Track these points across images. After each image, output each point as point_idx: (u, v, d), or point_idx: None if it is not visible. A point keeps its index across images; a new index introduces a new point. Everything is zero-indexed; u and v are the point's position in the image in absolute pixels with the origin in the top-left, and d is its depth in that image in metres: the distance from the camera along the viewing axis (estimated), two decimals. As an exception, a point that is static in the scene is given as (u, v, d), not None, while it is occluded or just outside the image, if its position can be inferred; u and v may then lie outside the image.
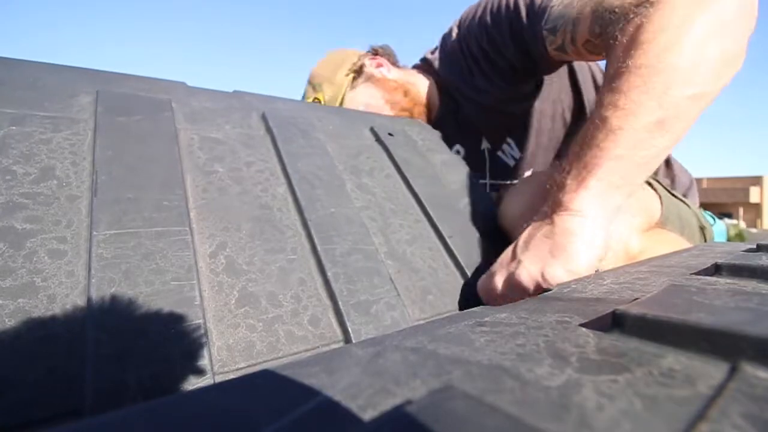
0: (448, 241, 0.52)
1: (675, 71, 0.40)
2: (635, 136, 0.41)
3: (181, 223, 0.37)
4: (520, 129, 0.81)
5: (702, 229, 0.68)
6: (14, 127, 0.38)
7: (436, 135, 0.77)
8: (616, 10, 0.47)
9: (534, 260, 0.41)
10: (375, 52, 0.89)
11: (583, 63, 0.79)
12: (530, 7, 0.63)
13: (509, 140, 0.83)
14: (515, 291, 0.42)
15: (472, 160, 0.84)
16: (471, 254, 0.52)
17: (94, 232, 0.33)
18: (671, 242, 0.56)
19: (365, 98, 0.84)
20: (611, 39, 0.47)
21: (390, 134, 0.66)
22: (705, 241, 0.65)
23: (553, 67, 0.71)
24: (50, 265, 0.31)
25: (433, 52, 0.88)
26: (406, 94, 0.84)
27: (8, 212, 0.32)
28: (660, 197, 0.58)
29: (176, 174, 0.41)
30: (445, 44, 0.83)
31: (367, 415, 0.11)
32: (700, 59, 0.40)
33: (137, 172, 0.39)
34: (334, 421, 0.11)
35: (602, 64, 0.80)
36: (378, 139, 0.64)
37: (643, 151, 0.41)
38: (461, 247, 0.52)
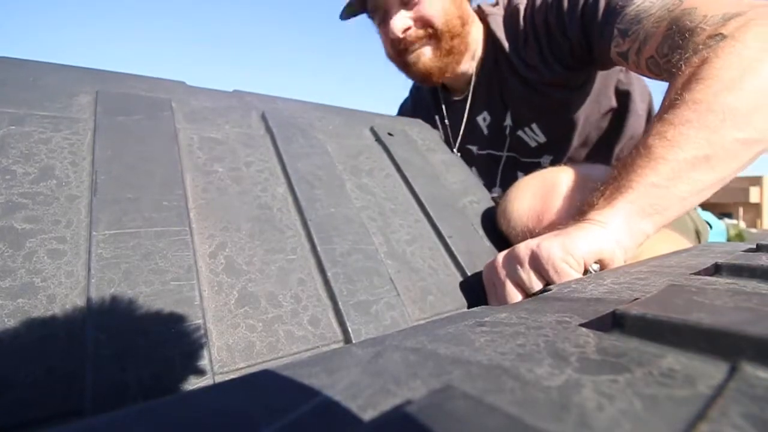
0: (448, 241, 0.52)
1: (730, 112, 0.39)
2: (676, 167, 0.40)
3: (180, 223, 0.37)
4: (550, 117, 0.76)
5: (697, 232, 0.68)
6: (14, 127, 0.38)
7: (435, 135, 0.77)
8: (687, 35, 0.46)
9: (537, 239, 0.41)
10: None
11: (632, 78, 0.76)
12: (609, 0, 0.60)
13: (534, 126, 0.78)
14: (511, 262, 0.42)
15: (494, 130, 0.81)
16: (471, 254, 0.52)
17: (94, 232, 0.33)
18: (668, 238, 0.56)
19: None
20: (674, 67, 0.46)
21: (390, 134, 0.66)
22: (699, 243, 0.65)
23: (607, 65, 0.67)
24: (50, 265, 0.31)
25: (494, 5, 0.80)
26: (463, 23, 0.76)
27: (8, 212, 0.32)
28: None
29: (176, 174, 0.41)
30: (510, 4, 0.76)
31: (367, 415, 0.11)
32: (758, 105, 0.39)
33: (137, 171, 0.39)
34: (333, 421, 0.11)
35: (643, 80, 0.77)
36: (378, 139, 0.64)
37: (683, 184, 0.40)
38: (461, 247, 0.52)
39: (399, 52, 0.76)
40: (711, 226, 0.80)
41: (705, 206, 0.86)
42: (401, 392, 0.13)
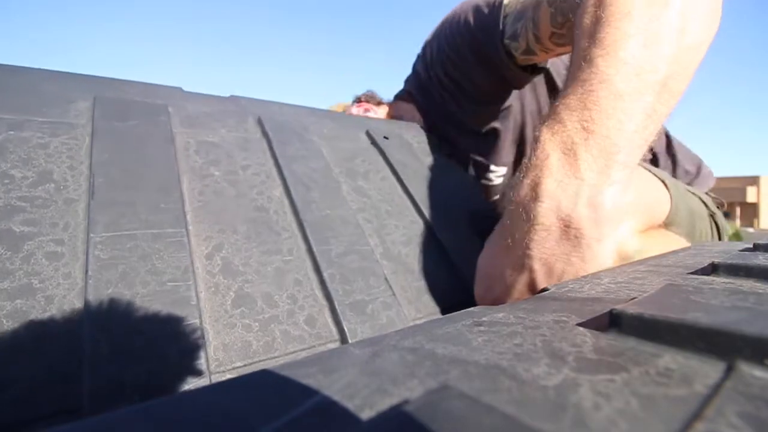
0: (443, 242, 0.52)
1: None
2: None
3: (177, 225, 0.37)
4: (499, 148, 0.78)
5: (712, 216, 0.64)
6: (12, 132, 0.38)
7: (432, 138, 0.77)
8: None
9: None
10: (359, 100, 0.93)
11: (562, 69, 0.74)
12: (479, 19, 0.61)
13: (492, 167, 0.80)
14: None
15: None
16: (466, 255, 0.52)
17: (91, 234, 0.33)
18: (672, 245, 0.48)
19: None
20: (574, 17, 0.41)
21: (385, 137, 0.65)
22: (717, 227, 0.63)
23: (523, 79, 0.66)
24: (47, 267, 0.31)
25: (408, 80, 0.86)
26: None
27: (6, 215, 0.32)
28: (671, 197, 0.54)
29: (173, 177, 0.41)
30: (418, 74, 0.80)
31: (365, 415, 0.11)
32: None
33: (134, 175, 0.39)
34: (331, 421, 0.11)
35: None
36: (373, 142, 0.64)
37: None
38: (456, 248, 0.52)
39: None
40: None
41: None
42: (399, 392, 0.12)
